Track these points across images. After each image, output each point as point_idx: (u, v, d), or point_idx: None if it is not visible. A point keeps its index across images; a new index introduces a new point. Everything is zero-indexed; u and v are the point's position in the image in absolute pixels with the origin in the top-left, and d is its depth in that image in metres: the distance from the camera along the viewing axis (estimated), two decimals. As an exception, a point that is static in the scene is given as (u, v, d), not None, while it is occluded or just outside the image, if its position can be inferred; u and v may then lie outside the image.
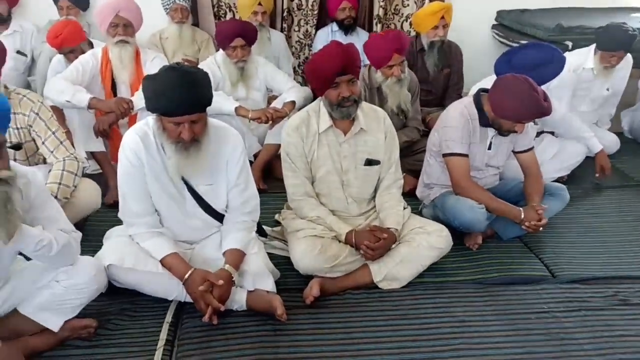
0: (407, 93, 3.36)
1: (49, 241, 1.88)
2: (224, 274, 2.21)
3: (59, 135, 2.69)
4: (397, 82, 3.28)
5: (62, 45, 3.58)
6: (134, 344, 2.12)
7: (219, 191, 2.37)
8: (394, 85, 3.29)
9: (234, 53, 3.50)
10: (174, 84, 2.05)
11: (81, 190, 2.72)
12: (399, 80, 3.28)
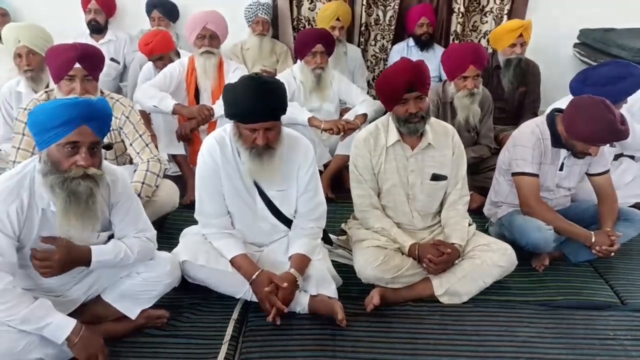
0: (477, 109, 3.35)
1: (124, 254, 2.10)
2: (289, 277, 2.31)
3: (145, 138, 2.89)
4: (468, 95, 3.29)
5: (152, 52, 3.85)
6: (202, 337, 2.25)
7: (289, 197, 2.47)
8: (465, 99, 3.29)
9: (313, 60, 3.60)
10: (251, 92, 2.18)
11: (162, 190, 2.90)
12: (471, 95, 3.28)
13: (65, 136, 1.86)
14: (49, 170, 1.89)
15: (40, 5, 4.78)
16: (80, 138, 1.87)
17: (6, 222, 1.89)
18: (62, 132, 1.86)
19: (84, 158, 1.88)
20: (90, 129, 1.89)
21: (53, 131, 1.86)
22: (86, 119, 1.88)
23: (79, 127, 1.87)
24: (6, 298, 1.87)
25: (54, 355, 1.97)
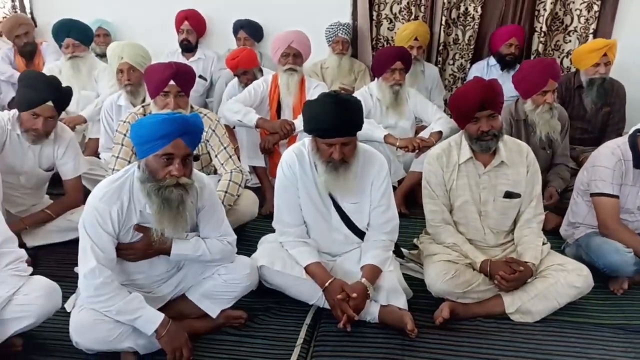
0: (557, 123, 3.32)
1: (202, 251, 2.28)
2: (360, 287, 2.39)
3: (229, 150, 3.08)
4: (549, 110, 3.26)
5: (238, 66, 4.12)
6: (276, 339, 2.37)
7: (362, 210, 2.57)
8: (545, 114, 3.27)
9: (391, 76, 3.68)
10: (330, 108, 2.31)
11: (243, 200, 3.08)
12: (551, 109, 3.26)
13: (162, 148, 2.05)
14: (146, 178, 2.09)
15: (138, 26, 5.15)
16: (175, 150, 2.06)
17: (108, 221, 2.10)
18: (160, 144, 2.05)
19: (177, 169, 2.06)
20: (183, 142, 2.07)
21: (152, 143, 2.05)
22: (181, 134, 2.06)
23: (174, 140, 2.05)
24: (105, 290, 2.07)
25: (144, 345, 2.16)
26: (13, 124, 2.96)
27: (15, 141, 2.99)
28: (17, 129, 2.96)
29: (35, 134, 2.91)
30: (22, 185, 3.10)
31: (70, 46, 4.29)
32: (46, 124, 2.89)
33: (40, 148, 3.04)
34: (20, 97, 2.94)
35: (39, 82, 2.92)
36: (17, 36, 4.84)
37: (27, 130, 2.91)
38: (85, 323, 2.08)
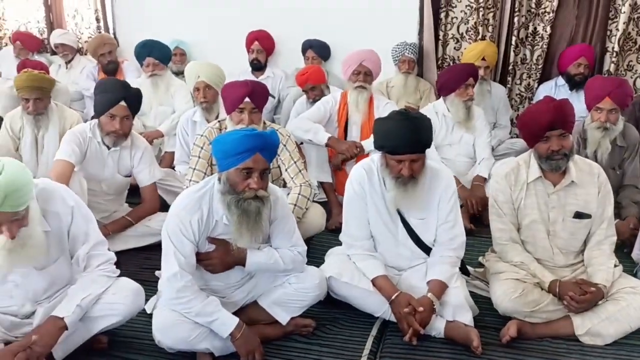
0: (607, 145, 3.28)
1: (275, 260, 2.39)
2: (426, 301, 2.43)
3: (299, 164, 3.20)
4: (600, 128, 3.23)
5: (307, 81, 4.30)
6: (343, 348, 2.44)
7: (429, 225, 2.61)
8: (596, 131, 3.25)
9: (465, 92, 3.74)
10: (400, 126, 2.38)
11: (311, 213, 3.18)
12: (604, 129, 3.22)
13: (243, 162, 2.17)
14: (227, 190, 2.21)
15: (211, 46, 5.40)
16: (254, 165, 2.18)
17: (189, 229, 2.24)
18: (241, 159, 2.17)
19: (255, 182, 2.18)
20: (262, 157, 2.19)
21: (233, 158, 2.18)
22: (260, 149, 2.18)
23: (254, 155, 2.17)
24: (185, 293, 2.21)
25: (219, 347, 2.28)
26: (94, 132, 3.21)
27: (97, 149, 3.22)
28: (97, 137, 3.20)
29: (115, 136, 3.13)
30: (104, 192, 3.32)
31: (151, 65, 4.56)
32: (123, 123, 3.11)
33: (119, 155, 3.26)
34: (97, 103, 3.20)
35: (110, 85, 3.21)
36: (101, 55, 5.18)
37: (107, 133, 3.14)
38: (167, 323, 2.22)
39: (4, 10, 6.04)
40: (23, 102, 3.75)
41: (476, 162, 3.93)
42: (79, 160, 3.14)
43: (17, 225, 2.01)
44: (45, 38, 5.89)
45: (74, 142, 3.15)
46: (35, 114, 3.74)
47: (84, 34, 5.82)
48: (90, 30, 5.78)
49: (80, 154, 3.15)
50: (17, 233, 2.02)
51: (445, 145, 3.91)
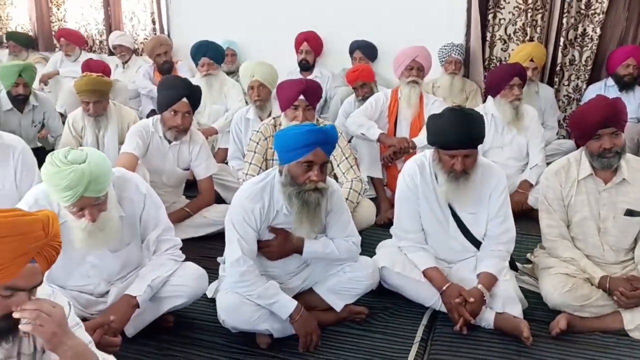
0: None
1: (330, 249, 2.50)
2: (477, 293, 2.51)
3: (351, 160, 3.31)
4: None
5: (357, 79, 4.43)
6: (394, 335, 2.54)
7: (480, 220, 2.68)
8: None
9: (511, 92, 3.78)
10: (454, 122, 2.47)
11: (361, 207, 3.29)
12: None
13: (304, 156, 2.28)
14: (288, 182, 2.33)
15: (261, 46, 5.56)
16: (315, 158, 2.29)
17: (252, 217, 2.38)
18: (302, 152, 2.28)
19: (316, 175, 2.30)
20: (322, 151, 2.31)
21: (295, 151, 2.29)
22: (321, 143, 2.29)
23: (315, 149, 2.28)
24: (248, 277, 2.34)
25: (279, 329, 2.41)
26: (156, 127, 3.39)
27: (158, 143, 3.40)
28: (159, 131, 3.38)
29: (176, 130, 3.31)
30: (164, 184, 3.50)
31: (206, 65, 4.75)
32: (184, 119, 3.28)
33: (178, 149, 3.43)
34: (160, 99, 3.37)
35: (173, 82, 3.39)
36: (157, 55, 5.42)
37: (169, 128, 3.31)
38: (231, 305, 2.36)
39: (65, 12, 6.34)
40: (83, 105, 3.96)
41: (526, 167, 3.96)
42: (142, 153, 3.32)
43: (97, 210, 2.18)
44: (105, 39, 6.16)
45: (138, 136, 3.33)
46: (95, 115, 3.94)
47: (140, 36, 6.07)
48: (146, 32, 6.03)
49: (144, 147, 3.34)
50: (97, 217, 2.19)
51: (496, 147, 3.92)
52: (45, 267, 1.46)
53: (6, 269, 1.37)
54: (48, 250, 1.45)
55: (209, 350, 2.42)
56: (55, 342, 1.48)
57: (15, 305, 1.42)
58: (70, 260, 2.33)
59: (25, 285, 1.43)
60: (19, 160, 2.92)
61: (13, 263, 1.37)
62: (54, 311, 1.48)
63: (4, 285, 1.39)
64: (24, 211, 1.50)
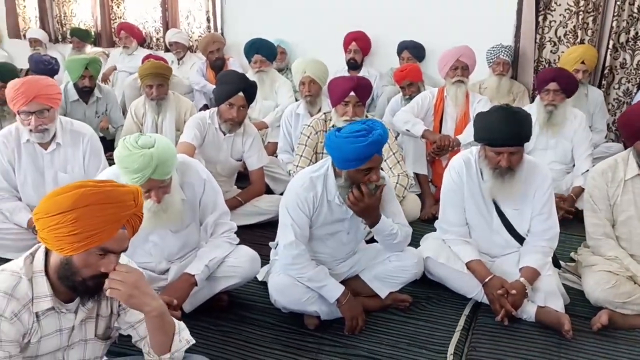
0: None
1: (395, 232, 2.58)
2: (519, 285, 2.58)
3: (397, 155, 3.42)
4: None
5: (405, 78, 4.52)
6: (437, 324, 2.63)
7: (524, 216, 2.75)
8: None
9: (546, 97, 3.79)
10: (502, 119, 2.54)
11: (407, 202, 3.39)
12: None
13: (365, 164, 2.35)
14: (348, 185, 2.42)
15: (311, 45, 5.70)
16: (373, 164, 2.38)
17: (305, 205, 2.51)
18: (361, 163, 2.35)
19: (376, 176, 2.41)
20: (379, 155, 2.40)
21: (356, 162, 2.35)
22: (377, 151, 2.38)
23: (373, 157, 2.36)
24: (300, 260, 2.48)
25: (326, 312, 2.53)
26: (212, 118, 3.57)
27: (214, 134, 3.58)
28: (215, 123, 3.55)
29: (231, 123, 3.47)
30: (218, 174, 3.65)
31: (258, 62, 4.93)
32: (239, 112, 3.44)
33: (232, 141, 3.60)
34: (218, 92, 3.54)
35: (232, 77, 3.56)
36: (210, 52, 5.63)
37: (225, 120, 3.48)
38: (283, 285, 2.51)
39: (125, 10, 6.65)
40: (147, 89, 4.23)
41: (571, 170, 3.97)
42: (199, 143, 3.51)
43: (162, 192, 2.35)
44: (161, 37, 6.43)
45: (195, 127, 3.52)
46: (158, 99, 4.20)
47: (195, 33, 6.30)
48: (201, 30, 6.26)
49: (201, 138, 3.52)
50: (162, 199, 2.36)
51: (540, 149, 3.93)
52: (131, 235, 1.63)
53: (103, 232, 1.54)
54: (135, 220, 1.62)
55: (259, 328, 2.57)
56: (134, 303, 1.65)
57: (105, 267, 1.59)
58: (135, 238, 2.47)
59: (116, 248, 1.60)
60: (87, 146, 3.15)
61: (108, 227, 1.55)
62: (129, 276, 1.65)
63: (100, 246, 1.56)
64: (118, 183, 1.68)
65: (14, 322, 1.57)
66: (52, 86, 3.00)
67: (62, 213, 1.52)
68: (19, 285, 1.60)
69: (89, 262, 1.58)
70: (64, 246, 1.55)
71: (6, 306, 1.56)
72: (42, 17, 6.93)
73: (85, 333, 1.77)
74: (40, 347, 1.68)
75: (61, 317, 1.69)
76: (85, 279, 1.60)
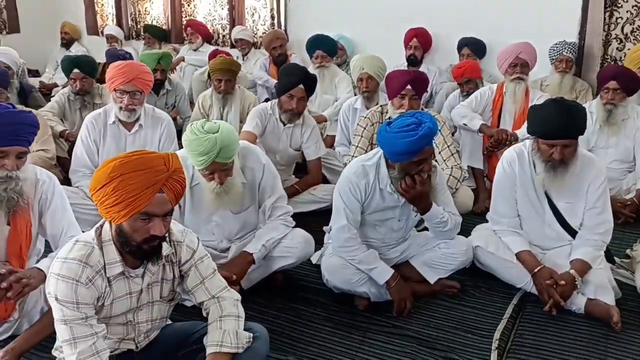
0: None
1: (445, 219, 2.67)
2: (568, 276, 2.60)
3: (452, 148, 3.48)
4: None
5: (463, 75, 4.57)
6: (484, 311, 2.69)
7: (576, 210, 2.76)
8: None
9: (605, 95, 3.74)
10: (555, 112, 2.57)
11: (459, 194, 3.45)
12: None
13: (416, 157, 2.44)
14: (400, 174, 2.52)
15: (371, 41, 5.79)
16: (424, 156, 2.47)
17: (357, 191, 2.62)
18: (412, 156, 2.45)
19: (428, 167, 2.50)
20: (429, 147, 2.48)
21: (407, 155, 2.45)
22: (428, 143, 2.46)
23: (424, 149, 2.44)
24: (351, 243, 2.60)
25: (375, 293, 2.65)
26: (273, 109, 3.74)
27: (274, 124, 3.75)
28: (276, 113, 3.72)
29: (291, 113, 3.63)
30: (277, 162, 3.81)
31: (320, 57, 5.08)
32: (299, 103, 3.60)
33: (292, 131, 3.76)
34: (279, 84, 3.72)
35: (293, 70, 3.74)
36: (273, 48, 5.81)
37: (285, 111, 3.64)
38: (335, 266, 2.64)
39: (194, 8, 6.96)
40: (215, 83, 4.46)
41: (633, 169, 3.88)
42: (260, 132, 3.69)
43: (225, 174, 2.53)
44: (227, 33, 6.70)
45: (257, 117, 3.70)
46: (225, 93, 4.42)
47: (259, 30, 6.54)
48: (265, 27, 6.48)
49: (262, 127, 3.70)
50: (224, 181, 2.53)
51: (600, 148, 3.88)
52: (173, 198, 1.78)
53: (141, 197, 1.70)
54: (172, 183, 1.77)
55: (312, 306, 2.71)
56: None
57: (154, 230, 1.75)
58: (199, 218, 2.71)
59: (158, 212, 1.75)
60: (165, 130, 3.46)
61: (144, 193, 1.70)
62: None
63: (141, 211, 1.72)
64: (147, 151, 1.86)
65: (89, 286, 1.76)
66: (148, 73, 3.39)
67: (103, 186, 1.71)
68: (92, 254, 1.79)
69: (136, 227, 1.75)
70: (113, 216, 1.74)
71: (82, 273, 1.75)
72: (118, 15, 7.38)
73: (152, 295, 1.96)
74: (113, 309, 1.88)
75: (130, 282, 1.88)
76: (140, 243, 1.76)
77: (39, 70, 7.25)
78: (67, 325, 1.73)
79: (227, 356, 1.87)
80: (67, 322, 1.73)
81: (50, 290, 1.75)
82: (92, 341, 1.74)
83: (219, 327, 1.91)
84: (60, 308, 1.73)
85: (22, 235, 2.30)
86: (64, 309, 1.72)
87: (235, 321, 1.94)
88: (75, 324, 1.73)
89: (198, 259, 1.99)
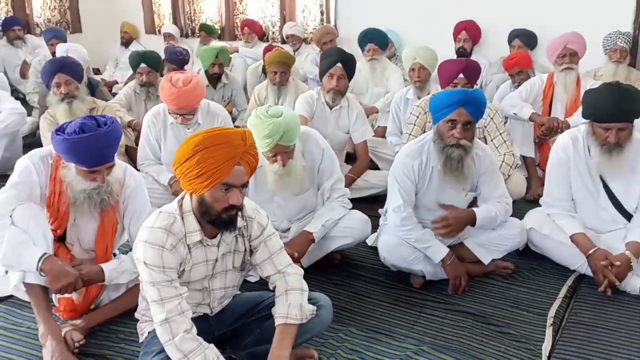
0: None
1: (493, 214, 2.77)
2: (623, 258, 2.64)
3: (504, 136, 3.55)
4: None
5: (514, 66, 4.60)
6: (538, 290, 2.75)
7: (632, 193, 2.79)
8: None
9: None
10: (610, 95, 2.62)
11: (512, 181, 3.52)
12: None
13: (449, 115, 2.58)
14: (436, 139, 2.67)
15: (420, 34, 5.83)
16: (458, 117, 2.58)
17: (410, 171, 2.73)
18: (448, 112, 2.59)
19: (459, 132, 2.59)
20: (466, 111, 2.58)
21: (442, 111, 2.61)
22: (463, 103, 2.57)
23: (458, 109, 2.56)
24: (407, 222, 2.71)
25: (431, 272, 2.74)
26: (319, 93, 3.88)
27: (322, 109, 3.88)
28: (322, 97, 3.86)
29: (334, 91, 3.76)
30: (328, 147, 3.97)
31: (371, 50, 5.18)
32: (339, 81, 3.74)
33: (339, 114, 3.89)
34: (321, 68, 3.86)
35: (331, 52, 3.95)
36: (324, 43, 5.95)
37: (327, 90, 3.79)
38: (392, 244, 2.74)
39: (246, 6, 7.18)
40: (271, 75, 4.64)
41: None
42: (310, 116, 3.84)
43: (287, 157, 2.67)
44: (278, 30, 6.89)
45: (305, 102, 3.87)
46: (280, 84, 4.61)
47: (309, 26, 6.71)
48: (315, 23, 6.64)
49: (311, 112, 3.86)
50: (287, 163, 2.68)
51: None
52: (249, 171, 1.93)
53: (221, 169, 1.85)
54: (248, 157, 1.91)
55: (369, 284, 2.82)
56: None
57: (232, 199, 1.89)
58: (263, 198, 2.85)
59: (236, 182, 1.89)
60: (221, 125, 3.58)
61: (225, 165, 1.85)
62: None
63: (222, 182, 1.87)
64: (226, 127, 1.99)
65: (173, 252, 1.93)
66: (199, 96, 3.44)
67: (187, 159, 1.87)
68: (174, 223, 1.96)
69: (217, 197, 1.89)
70: (196, 187, 1.89)
71: (167, 239, 1.92)
72: (174, 14, 7.67)
73: (226, 264, 2.11)
74: (192, 274, 2.04)
75: (207, 250, 2.04)
76: (220, 212, 1.91)
77: (99, 69, 7.62)
78: (154, 287, 1.89)
79: (293, 327, 2.01)
80: (154, 284, 1.89)
81: (138, 256, 1.92)
82: (178, 301, 1.91)
83: (285, 300, 2.05)
84: (148, 272, 1.90)
85: (108, 229, 2.50)
86: (151, 272, 1.89)
87: (299, 295, 2.07)
88: (162, 286, 1.90)
89: (267, 236, 2.13)
